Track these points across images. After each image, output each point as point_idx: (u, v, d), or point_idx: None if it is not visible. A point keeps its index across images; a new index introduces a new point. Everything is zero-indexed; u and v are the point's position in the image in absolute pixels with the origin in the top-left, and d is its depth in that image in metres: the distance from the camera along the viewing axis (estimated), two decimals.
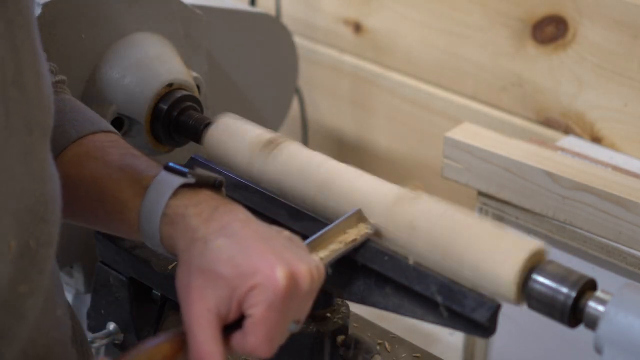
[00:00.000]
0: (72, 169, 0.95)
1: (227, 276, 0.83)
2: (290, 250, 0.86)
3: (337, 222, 0.96)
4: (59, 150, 0.97)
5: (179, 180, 0.89)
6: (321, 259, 0.91)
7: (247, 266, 0.83)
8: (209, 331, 0.82)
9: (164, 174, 0.90)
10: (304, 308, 0.86)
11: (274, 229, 0.89)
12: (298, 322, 0.87)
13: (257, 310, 0.82)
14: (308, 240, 0.92)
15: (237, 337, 0.84)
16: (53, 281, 0.88)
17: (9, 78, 0.77)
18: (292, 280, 0.83)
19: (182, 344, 0.84)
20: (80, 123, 1.00)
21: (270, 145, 1.04)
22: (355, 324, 1.17)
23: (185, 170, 0.90)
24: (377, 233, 0.97)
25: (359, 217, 0.97)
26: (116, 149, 0.98)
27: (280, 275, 0.82)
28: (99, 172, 0.94)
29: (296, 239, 0.90)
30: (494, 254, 0.89)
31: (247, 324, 0.83)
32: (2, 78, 0.76)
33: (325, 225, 0.97)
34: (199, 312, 0.82)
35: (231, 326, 0.84)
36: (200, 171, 0.91)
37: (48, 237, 0.82)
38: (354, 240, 0.95)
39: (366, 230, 0.96)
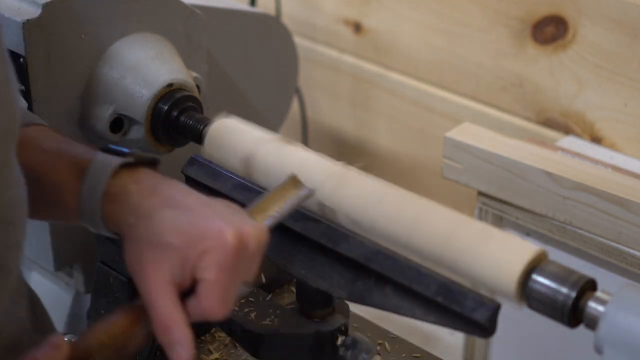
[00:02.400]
0: None
1: (177, 245, 0.85)
2: (233, 214, 0.88)
3: (273, 189, 0.98)
4: None
5: (118, 160, 0.91)
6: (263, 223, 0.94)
7: (195, 233, 0.85)
8: (169, 300, 0.85)
9: (103, 155, 0.92)
10: (252, 269, 0.89)
11: (214, 198, 0.91)
12: (247, 283, 0.89)
13: (209, 274, 0.84)
14: (247, 208, 0.95)
15: (192, 304, 0.86)
16: (18, 283, 0.89)
17: None
18: (241, 240, 0.85)
19: (139, 317, 0.86)
20: None
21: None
22: (355, 324, 1.18)
23: (123, 150, 0.93)
24: (313, 197, 0.99)
25: (295, 182, 0.99)
26: (51, 137, 0.99)
27: (229, 236, 0.84)
28: (35, 160, 0.94)
29: (235, 206, 0.92)
30: (491, 259, 0.89)
31: (201, 288, 0.85)
32: None
33: (323, 223, 0.97)
34: (156, 284, 0.85)
35: (185, 294, 0.86)
36: (137, 151, 0.94)
37: (15, 240, 0.83)
38: (292, 204, 0.97)
39: (302, 193, 0.98)
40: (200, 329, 1.18)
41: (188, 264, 0.85)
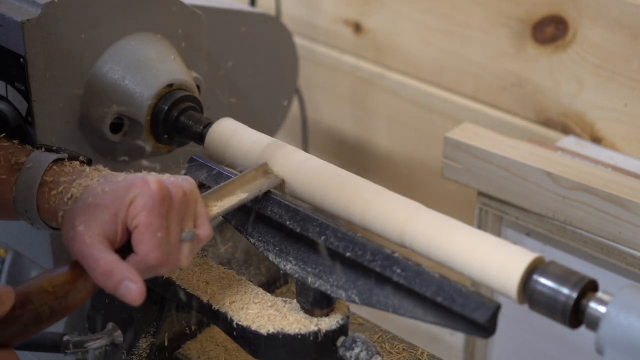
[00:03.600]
0: None
1: (106, 203, 0.91)
2: (157, 175, 0.95)
3: (241, 174, 1.04)
4: None
5: (53, 156, 1.00)
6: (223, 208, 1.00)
7: (122, 188, 0.92)
8: (103, 249, 0.89)
9: (38, 152, 1.02)
10: (185, 216, 0.94)
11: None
12: (188, 231, 0.94)
13: (139, 219, 0.90)
14: (213, 189, 1.01)
15: (130, 257, 0.91)
16: None
17: None
18: (164, 186, 0.92)
19: (81, 272, 0.90)
20: None
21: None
22: (355, 324, 1.18)
23: (57, 147, 1.02)
24: (281, 186, 1.05)
25: (265, 170, 1.05)
26: None
27: (152, 183, 0.92)
28: None
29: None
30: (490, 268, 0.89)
31: (135, 235, 0.91)
32: None
33: (323, 223, 0.97)
34: (88, 239, 0.89)
35: (124, 253, 0.91)
36: (70, 150, 1.03)
37: None
38: (257, 190, 1.03)
39: (269, 181, 1.04)
40: (198, 328, 1.18)
41: (119, 217, 0.91)
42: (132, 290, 0.88)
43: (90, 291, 0.91)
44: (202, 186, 1.09)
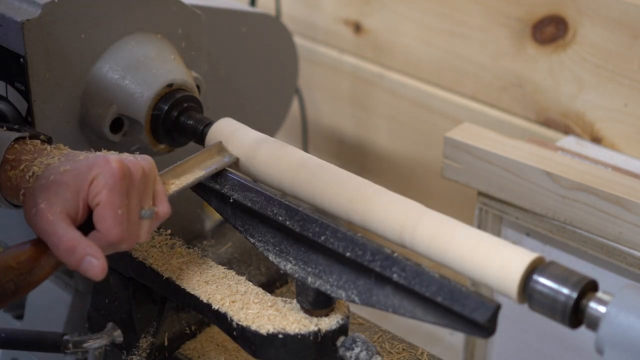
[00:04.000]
0: None
1: (67, 181, 0.93)
2: (118, 154, 0.97)
3: (197, 153, 1.07)
4: None
5: (14, 134, 1.01)
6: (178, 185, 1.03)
7: (83, 167, 0.94)
8: (65, 225, 0.91)
9: (0, 131, 1.02)
10: (145, 194, 0.97)
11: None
12: (147, 209, 0.97)
13: (101, 196, 0.92)
14: (170, 168, 1.05)
15: (91, 234, 0.93)
16: None
17: None
18: (124, 165, 0.94)
19: (44, 248, 0.92)
20: None
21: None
22: (355, 324, 1.18)
23: (16, 126, 1.03)
24: (235, 164, 1.08)
25: (220, 148, 1.09)
26: None
27: (113, 162, 0.94)
28: None
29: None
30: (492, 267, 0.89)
31: (96, 212, 0.93)
32: None
33: (323, 222, 0.97)
34: (50, 216, 0.91)
35: (85, 230, 0.92)
36: (31, 129, 1.05)
37: None
38: (213, 168, 1.07)
39: (224, 160, 1.08)
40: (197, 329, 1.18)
41: (80, 195, 0.92)
42: (95, 265, 0.90)
43: (54, 267, 0.93)
44: (202, 186, 1.09)
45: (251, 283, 1.06)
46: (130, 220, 0.95)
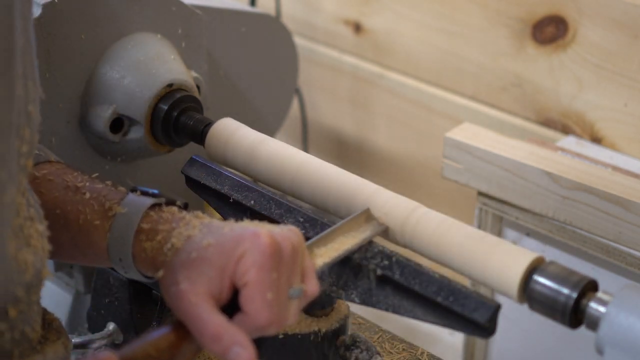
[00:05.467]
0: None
1: (211, 257, 0.85)
2: (264, 225, 0.89)
3: (343, 221, 0.97)
4: None
5: (149, 201, 0.92)
6: (324, 262, 0.93)
7: (229, 243, 0.85)
8: (210, 309, 0.83)
9: (133, 196, 0.93)
10: (294, 271, 0.87)
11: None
12: (296, 287, 0.87)
13: (249, 276, 0.83)
14: (315, 238, 0.94)
15: (238, 317, 0.85)
16: None
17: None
18: (275, 240, 0.85)
19: (186, 333, 0.84)
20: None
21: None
22: (355, 324, 1.18)
23: (152, 191, 0.93)
24: (384, 233, 0.98)
25: (367, 216, 0.98)
26: (71, 174, 0.97)
27: (263, 236, 0.84)
28: (59, 198, 0.94)
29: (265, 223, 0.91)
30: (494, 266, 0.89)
31: (244, 293, 0.84)
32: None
33: (324, 222, 0.97)
34: (193, 297, 0.83)
35: (228, 311, 0.85)
36: (166, 193, 0.94)
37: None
38: (362, 240, 0.96)
39: (373, 231, 0.97)
40: None
41: (226, 273, 0.84)
42: (242, 356, 0.83)
43: (195, 353, 0.86)
44: (202, 186, 1.09)
45: None
46: (280, 301, 0.85)
